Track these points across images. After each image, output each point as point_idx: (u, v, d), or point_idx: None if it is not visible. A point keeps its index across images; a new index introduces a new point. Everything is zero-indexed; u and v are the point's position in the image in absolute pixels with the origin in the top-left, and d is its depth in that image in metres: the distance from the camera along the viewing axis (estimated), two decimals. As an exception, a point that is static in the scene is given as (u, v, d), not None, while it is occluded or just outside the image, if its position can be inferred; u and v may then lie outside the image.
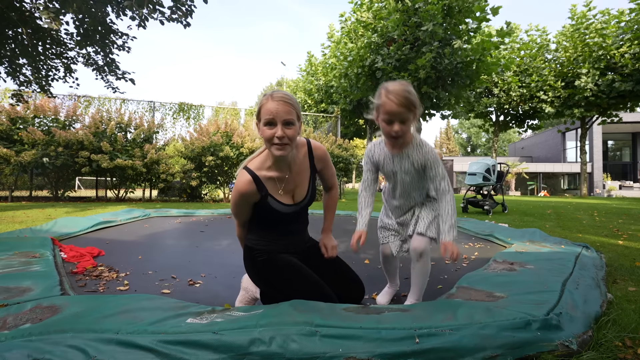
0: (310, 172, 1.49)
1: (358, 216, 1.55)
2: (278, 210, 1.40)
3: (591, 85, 14.81)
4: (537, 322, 1.05)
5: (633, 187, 21.71)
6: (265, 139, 1.30)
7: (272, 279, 1.40)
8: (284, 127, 1.28)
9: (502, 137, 51.09)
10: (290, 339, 0.94)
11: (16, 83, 5.73)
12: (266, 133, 1.29)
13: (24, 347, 0.93)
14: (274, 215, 1.41)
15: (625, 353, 1.04)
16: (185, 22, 5.10)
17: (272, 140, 1.29)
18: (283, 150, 1.30)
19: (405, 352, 0.93)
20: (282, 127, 1.27)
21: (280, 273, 1.39)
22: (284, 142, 1.29)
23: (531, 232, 3.21)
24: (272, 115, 1.26)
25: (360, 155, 25.35)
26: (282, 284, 1.39)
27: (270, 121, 1.27)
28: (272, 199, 1.38)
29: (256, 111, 1.34)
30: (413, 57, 9.78)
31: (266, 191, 1.38)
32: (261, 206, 1.39)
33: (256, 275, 1.45)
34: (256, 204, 1.40)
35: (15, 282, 1.62)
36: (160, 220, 4.56)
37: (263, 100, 1.30)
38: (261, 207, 1.40)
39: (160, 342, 0.93)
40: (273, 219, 1.44)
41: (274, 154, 1.31)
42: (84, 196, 9.67)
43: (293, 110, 1.30)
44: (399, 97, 1.26)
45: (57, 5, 4.58)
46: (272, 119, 1.27)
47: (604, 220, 4.98)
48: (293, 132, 1.31)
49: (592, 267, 1.96)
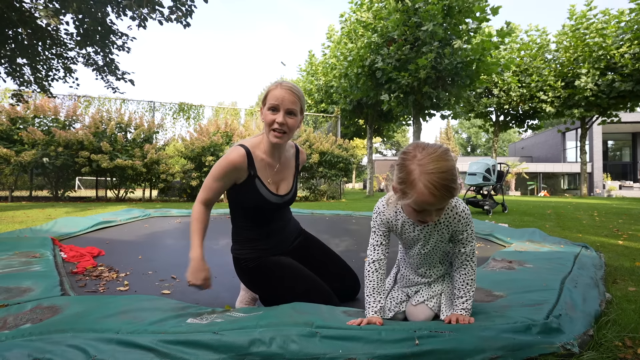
0: (294, 171, 1.54)
1: (366, 301, 1.16)
2: (263, 195, 1.37)
3: (591, 85, 14.81)
4: (537, 326, 1.05)
5: (633, 187, 21.71)
6: (266, 123, 1.32)
7: (266, 283, 1.40)
8: (286, 115, 1.30)
9: (502, 137, 51.09)
10: (290, 340, 0.94)
11: (16, 83, 5.73)
12: (268, 117, 1.31)
13: (24, 347, 0.93)
14: (257, 202, 1.37)
15: (625, 353, 1.04)
16: (185, 22, 5.10)
17: (272, 126, 1.31)
18: (280, 138, 1.32)
19: (405, 354, 0.93)
20: (285, 114, 1.30)
21: (273, 276, 1.38)
22: (283, 130, 1.31)
23: (531, 232, 3.21)
24: (278, 101, 1.29)
25: (360, 155, 25.35)
26: (277, 287, 1.38)
27: (275, 107, 1.29)
28: (259, 182, 1.37)
29: (262, 96, 1.35)
30: (413, 57, 9.78)
31: (255, 172, 1.36)
32: (247, 190, 1.36)
33: (250, 283, 1.44)
34: (241, 189, 1.36)
35: (15, 282, 1.62)
36: (160, 220, 4.56)
37: (272, 86, 1.33)
38: (246, 191, 1.36)
39: (160, 341, 0.93)
40: (256, 208, 1.39)
41: (271, 140, 1.33)
42: (84, 196, 9.67)
43: (298, 102, 1.32)
44: (440, 190, 0.93)
45: (57, 5, 4.58)
46: (277, 104, 1.29)
47: (604, 220, 4.98)
48: (294, 122, 1.33)
49: (591, 267, 1.96)
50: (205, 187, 1.35)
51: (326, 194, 10.26)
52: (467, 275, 1.14)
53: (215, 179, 1.33)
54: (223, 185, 1.35)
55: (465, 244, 1.14)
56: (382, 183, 26.37)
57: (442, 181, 0.93)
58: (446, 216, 1.12)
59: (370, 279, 1.18)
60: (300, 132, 9.98)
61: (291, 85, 1.32)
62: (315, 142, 9.65)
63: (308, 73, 17.76)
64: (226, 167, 1.31)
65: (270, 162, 1.41)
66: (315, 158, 9.32)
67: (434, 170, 0.93)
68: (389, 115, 14.81)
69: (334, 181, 10.32)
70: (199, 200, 1.37)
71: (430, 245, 1.16)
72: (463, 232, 1.13)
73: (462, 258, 1.15)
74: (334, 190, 10.75)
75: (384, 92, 10.63)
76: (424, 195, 0.94)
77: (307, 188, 10.12)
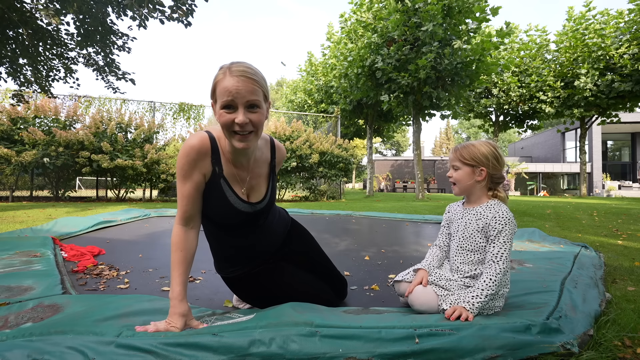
0: (269, 172, 1.25)
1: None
2: (230, 202, 1.11)
3: (590, 85, 14.82)
4: (537, 325, 1.05)
5: (632, 187, 21.70)
6: (223, 126, 1.01)
7: (258, 295, 1.31)
8: (247, 111, 0.99)
9: (502, 137, 51.10)
10: (290, 340, 0.95)
11: (17, 83, 5.73)
12: (224, 117, 0.99)
13: (24, 347, 0.93)
14: (224, 209, 1.11)
15: (624, 352, 1.04)
16: (186, 22, 5.10)
17: (231, 128, 1.00)
18: (246, 141, 1.02)
19: (405, 352, 0.94)
20: (245, 110, 0.99)
21: (263, 288, 1.29)
22: (248, 130, 1.01)
23: (530, 232, 3.22)
24: (232, 96, 0.97)
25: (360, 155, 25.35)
26: (270, 297, 1.29)
27: (229, 103, 0.98)
28: (225, 184, 1.10)
29: (211, 89, 1.03)
30: (413, 57, 9.79)
31: (221, 168, 1.09)
32: (210, 190, 1.09)
33: (243, 295, 1.35)
34: (206, 190, 1.10)
35: (16, 281, 1.63)
36: (160, 220, 4.57)
37: (219, 75, 1.00)
38: (209, 194, 1.09)
39: (160, 344, 0.93)
40: (223, 217, 1.12)
41: (236, 146, 1.02)
42: (84, 196, 9.67)
43: (258, 89, 1.00)
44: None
45: (58, 6, 4.59)
46: (232, 100, 0.97)
47: (604, 220, 4.99)
48: (259, 117, 1.01)
49: (591, 267, 1.96)
50: (177, 198, 1.07)
51: (326, 194, 10.27)
52: (486, 274, 1.18)
53: (181, 178, 1.05)
54: (194, 186, 1.06)
55: (494, 243, 1.19)
56: (382, 183, 26.36)
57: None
58: (485, 207, 1.26)
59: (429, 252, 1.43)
60: (300, 132, 9.99)
61: (244, 68, 0.99)
62: (315, 142, 9.66)
63: (308, 73, 17.77)
64: (187, 154, 1.03)
65: (236, 172, 1.14)
66: (315, 158, 9.32)
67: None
68: (389, 115, 14.82)
69: (334, 181, 10.32)
70: (176, 220, 1.08)
71: (464, 225, 1.29)
72: (494, 230, 1.20)
73: (489, 257, 1.20)
74: (334, 190, 10.76)
75: (384, 92, 10.64)
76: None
77: (307, 188, 10.12)
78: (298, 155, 9.42)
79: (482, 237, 1.24)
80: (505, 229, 1.19)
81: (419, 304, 1.26)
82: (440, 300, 1.23)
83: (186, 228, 1.08)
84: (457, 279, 1.28)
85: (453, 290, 1.25)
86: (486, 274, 1.18)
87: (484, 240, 1.24)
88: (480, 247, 1.25)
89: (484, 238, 1.24)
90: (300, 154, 9.43)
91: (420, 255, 2.60)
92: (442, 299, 1.23)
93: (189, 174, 1.04)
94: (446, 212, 1.43)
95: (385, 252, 2.69)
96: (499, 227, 1.19)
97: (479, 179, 1.28)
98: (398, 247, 2.88)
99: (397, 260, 2.41)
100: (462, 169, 1.29)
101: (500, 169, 1.28)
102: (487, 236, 1.23)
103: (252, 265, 1.26)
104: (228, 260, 1.25)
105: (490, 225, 1.21)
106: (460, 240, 1.30)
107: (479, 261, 1.26)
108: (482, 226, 1.24)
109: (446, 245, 1.41)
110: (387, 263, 2.32)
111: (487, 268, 1.19)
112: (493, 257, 1.18)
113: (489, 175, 1.28)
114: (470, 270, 1.27)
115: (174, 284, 1.04)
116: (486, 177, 1.28)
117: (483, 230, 1.24)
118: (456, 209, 1.38)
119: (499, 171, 1.28)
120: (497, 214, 1.22)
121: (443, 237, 1.43)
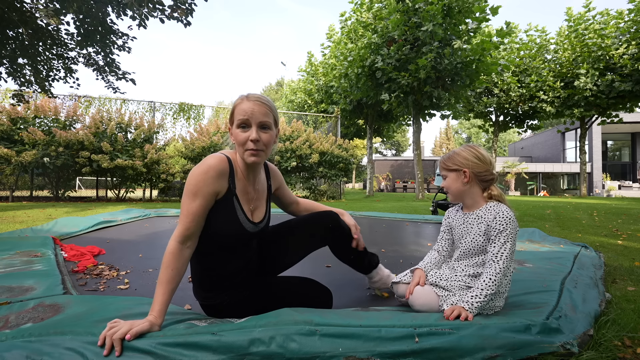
0: (267, 191, 1.35)
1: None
2: (240, 222, 1.18)
3: (590, 85, 14.83)
4: (536, 325, 1.05)
5: (632, 187, 21.71)
6: (238, 144, 1.15)
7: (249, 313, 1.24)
8: (260, 130, 1.14)
9: (502, 137, 51.12)
10: (289, 339, 0.94)
11: (17, 83, 5.73)
12: (239, 136, 1.13)
13: (23, 348, 0.93)
14: (232, 226, 1.16)
15: (624, 352, 1.04)
16: (185, 21, 5.10)
17: (245, 145, 1.13)
18: (257, 156, 1.14)
19: (405, 351, 0.94)
20: (258, 129, 1.13)
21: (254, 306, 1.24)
22: (259, 148, 1.14)
23: (530, 232, 3.21)
24: (247, 115, 1.12)
25: (360, 155, 25.35)
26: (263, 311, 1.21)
27: (245, 122, 1.13)
28: (237, 201, 1.17)
29: (229, 114, 1.18)
30: (413, 57, 9.79)
31: (235, 187, 1.17)
32: (222, 209, 1.15)
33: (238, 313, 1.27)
34: (217, 208, 1.14)
35: (17, 281, 1.63)
36: (161, 220, 4.57)
37: (237, 101, 1.17)
38: (222, 213, 1.15)
39: (159, 344, 0.92)
40: (229, 234, 1.16)
41: (247, 160, 1.15)
42: (84, 196, 9.68)
43: (270, 113, 1.16)
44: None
45: (57, 5, 4.59)
46: (247, 119, 1.12)
47: (604, 220, 4.99)
48: (269, 138, 1.16)
49: (591, 267, 1.96)
50: (181, 214, 1.07)
51: (326, 194, 10.27)
52: (486, 274, 1.18)
53: (191, 195, 1.07)
54: (204, 205, 1.08)
55: (495, 243, 1.21)
56: (382, 183, 26.36)
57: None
58: (484, 210, 1.27)
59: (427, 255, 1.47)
60: (300, 132, 9.99)
61: (260, 96, 1.16)
62: (315, 142, 9.66)
63: (308, 73, 17.77)
64: (206, 172, 1.08)
65: (247, 190, 1.23)
66: (315, 158, 9.32)
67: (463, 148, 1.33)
68: (389, 115, 14.82)
69: (334, 181, 10.33)
70: (174, 237, 1.06)
71: (469, 238, 1.29)
72: (495, 230, 1.21)
73: (489, 257, 1.21)
74: (334, 190, 10.76)
75: (384, 92, 10.64)
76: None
77: (307, 188, 10.12)
78: (298, 155, 9.43)
79: (485, 240, 1.25)
80: (506, 228, 1.20)
81: (419, 304, 1.26)
82: (441, 300, 1.24)
83: (182, 246, 1.07)
84: (458, 279, 1.28)
85: (454, 290, 1.26)
86: (486, 273, 1.18)
87: (487, 243, 1.25)
88: (484, 250, 1.27)
89: (487, 240, 1.25)
90: (300, 154, 9.43)
91: (420, 255, 2.60)
92: (443, 300, 1.23)
93: (202, 191, 1.08)
94: (446, 218, 1.44)
95: (386, 252, 2.69)
96: (500, 227, 1.20)
97: (466, 181, 1.29)
98: (398, 247, 2.88)
99: (397, 260, 2.41)
100: (449, 175, 1.33)
101: (484, 166, 1.29)
102: (489, 237, 1.24)
103: (243, 287, 1.27)
104: (228, 280, 1.24)
105: (491, 226, 1.22)
106: (464, 246, 1.31)
107: (483, 262, 1.27)
108: (485, 229, 1.24)
109: (445, 250, 1.43)
110: (387, 263, 2.32)
111: (487, 268, 1.20)
112: (493, 256, 1.19)
113: (473, 175, 1.29)
114: (473, 271, 1.28)
115: (156, 306, 1.01)
116: (471, 177, 1.29)
117: (486, 233, 1.24)
118: (456, 215, 1.39)
119: (484, 169, 1.29)
120: (498, 214, 1.22)
121: (443, 242, 1.44)
